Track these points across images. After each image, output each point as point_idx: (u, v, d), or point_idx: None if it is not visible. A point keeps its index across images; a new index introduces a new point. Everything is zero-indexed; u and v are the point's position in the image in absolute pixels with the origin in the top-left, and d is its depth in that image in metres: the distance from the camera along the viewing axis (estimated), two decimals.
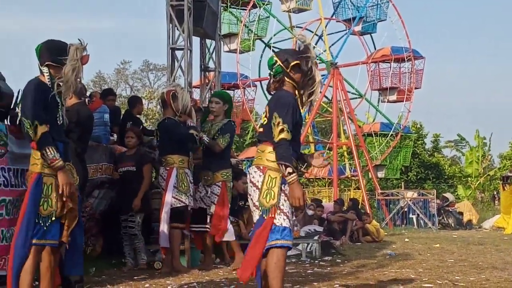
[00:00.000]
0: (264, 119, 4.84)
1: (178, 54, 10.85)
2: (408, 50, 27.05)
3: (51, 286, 4.99)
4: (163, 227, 7.69)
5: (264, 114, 4.86)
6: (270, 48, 26.73)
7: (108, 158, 8.32)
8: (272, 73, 4.85)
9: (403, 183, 29.73)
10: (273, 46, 26.55)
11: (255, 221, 4.75)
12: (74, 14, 71.94)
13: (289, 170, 4.57)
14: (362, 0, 27.86)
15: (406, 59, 27.34)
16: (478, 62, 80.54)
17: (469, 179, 35.61)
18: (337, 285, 6.71)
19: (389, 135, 27.46)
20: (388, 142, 27.56)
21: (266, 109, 4.83)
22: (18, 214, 5.05)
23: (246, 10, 26.59)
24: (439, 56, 73.87)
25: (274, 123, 4.64)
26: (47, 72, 4.94)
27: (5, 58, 60.40)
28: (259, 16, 26.95)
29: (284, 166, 4.57)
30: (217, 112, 8.12)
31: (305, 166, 5.30)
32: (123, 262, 8.15)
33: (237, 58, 26.48)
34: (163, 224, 7.69)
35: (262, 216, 4.68)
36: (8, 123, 6.05)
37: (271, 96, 4.91)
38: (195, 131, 7.90)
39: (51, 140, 4.83)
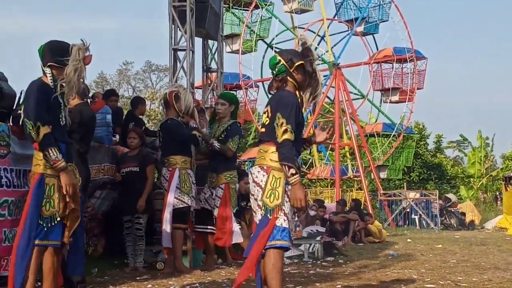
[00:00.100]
0: (266, 119, 4.80)
1: (180, 55, 10.83)
2: (410, 51, 27.05)
3: (53, 286, 4.99)
4: (166, 228, 7.70)
5: (266, 114, 4.80)
6: (272, 48, 26.75)
7: (110, 159, 8.31)
8: (275, 72, 4.83)
9: (405, 183, 29.71)
10: (275, 47, 26.57)
11: (257, 221, 4.73)
12: (74, 14, 71.95)
13: (292, 171, 4.56)
14: (364, 1, 27.85)
15: (408, 60, 27.34)
16: (480, 63, 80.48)
17: (471, 179, 35.56)
18: (339, 285, 6.71)
19: (391, 136, 27.47)
20: (391, 142, 27.57)
21: (268, 109, 4.80)
22: (20, 214, 5.05)
23: (248, 10, 26.61)
24: (441, 56, 73.86)
25: (277, 124, 4.62)
26: (49, 73, 4.94)
27: (5, 58, 60.47)
28: (261, 16, 26.96)
29: (287, 167, 4.56)
30: (223, 113, 8.11)
31: (311, 145, 5.27)
32: (125, 263, 8.15)
33: (239, 59, 26.52)
34: (165, 224, 7.70)
35: (266, 216, 4.66)
36: (10, 123, 6.06)
37: (272, 96, 4.89)
38: (198, 132, 7.91)
39: (54, 141, 4.83)
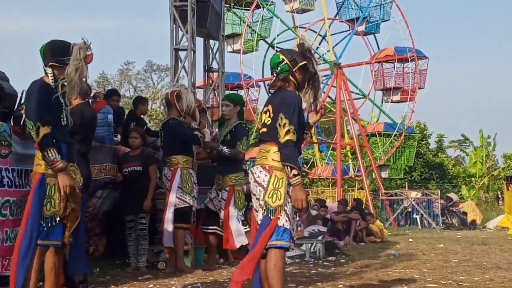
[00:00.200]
0: (268, 119, 4.76)
1: (182, 54, 10.84)
2: (412, 50, 27.03)
3: (55, 286, 4.99)
4: (167, 227, 7.70)
5: (268, 114, 4.76)
6: (273, 48, 26.72)
7: (112, 159, 8.31)
8: (277, 71, 4.80)
9: (407, 183, 29.67)
10: (276, 47, 26.55)
11: (259, 220, 4.71)
12: (74, 14, 71.97)
13: (294, 172, 4.55)
14: (365, 0, 27.84)
15: (409, 59, 27.33)
16: (480, 62, 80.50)
17: (473, 179, 35.54)
18: (341, 285, 6.70)
19: (392, 135, 27.45)
20: (392, 142, 27.55)
21: (269, 108, 4.76)
22: (22, 214, 5.04)
23: (249, 10, 26.60)
24: (442, 56, 73.85)
25: (280, 124, 4.60)
26: (51, 73, 4.93)
27: (5, 58, 60.53)
28: (262, 16, 26.96)
29: (289, 167, 4.55)
30: (228, 114, 8.09)
31: (310, 129, 5.21)
32: (127, 263, 8.15)
33: (240, 59, 26.50)
34: (167, 224, 7.70)
35: (268, 216, 4.64)
36: (11, 123, 6.06)
37: (273, 95, 4.85)
38: (199, 133, 7.93)
39: (53, 141, 4.81)
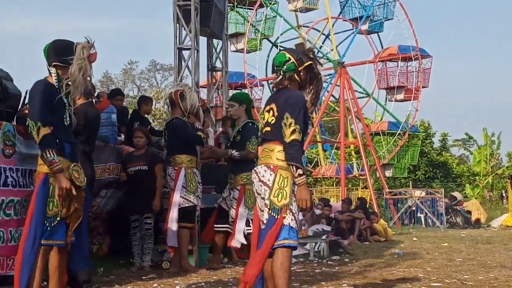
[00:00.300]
0: (271, 118, 4.73)
1: (185, 54, 10.86)
2: (415, 49, 26.99)
3: (59, 285, 5.00)
4: (172, 227, 7.70)
5: (272, 113, 4.74)
6: (277, 47, 26.71)
7: (116, 158, 8.31)
8: (283, 69, 4.77)
9: (411, 182, 29.64)
10: (280, 46, 26.54)
11: (264, 220, 4.70)
12: (74, 14, 71.96)
13: (299, 171, 4.54)
14: None
15: (413, 58, 27.28)
16: (482, 62, 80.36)
17: (477, 178, 35.47)
18: (345, 284, 6.69)
19: (396, 134, 27.41)
20: (396, 141, 27.50)
21: (274, 107, 4.74)
22: (26, 214, 5.04)
23: (253, 9, 26.61)
24: (443, 56, 73.67)
25: (285, 123, 4.59)
26: (54, 73, 4.93)
27: (5, 58, 60.60)
28: (266, 15, 26.96)
29: (295, 167, 4.54)
30: (235, 114, 8.04)
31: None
32: (131, 262, 8.15)
33: (244, 58, 26.53)
34: (171, 223, 7.70)
35: (273, 215, 4.64)
36: (15, 123, 6.07)
37: (277, 94, 4.83)
38: (203, 133, 7.95)
39: (53, 142, 4.80)
